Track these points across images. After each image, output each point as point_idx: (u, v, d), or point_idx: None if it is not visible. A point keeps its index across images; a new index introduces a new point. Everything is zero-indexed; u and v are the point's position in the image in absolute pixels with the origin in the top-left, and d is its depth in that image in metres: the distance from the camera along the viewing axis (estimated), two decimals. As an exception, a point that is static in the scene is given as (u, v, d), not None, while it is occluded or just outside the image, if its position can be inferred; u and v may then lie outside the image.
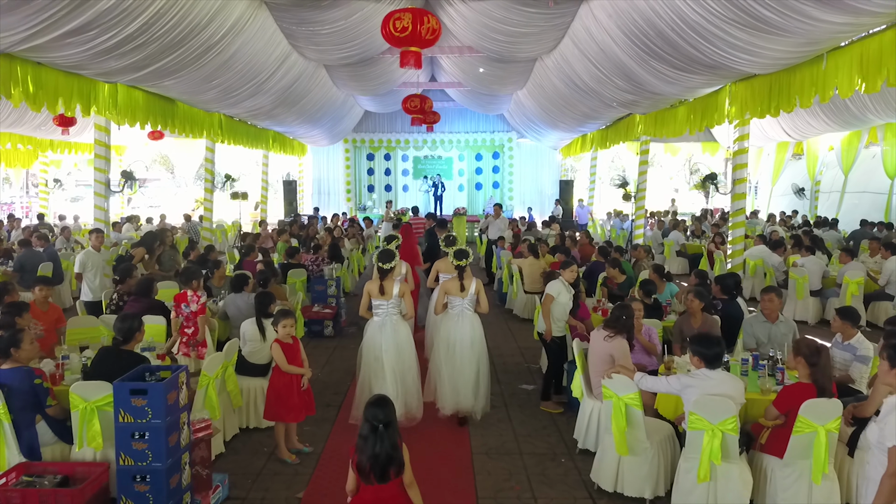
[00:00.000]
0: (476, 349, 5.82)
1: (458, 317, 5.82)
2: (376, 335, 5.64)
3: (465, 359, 5.74)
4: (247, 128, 16.75)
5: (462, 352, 5.74)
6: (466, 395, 5.77)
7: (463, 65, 16.47)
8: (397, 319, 5.70)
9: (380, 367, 5.57)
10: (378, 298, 5.65)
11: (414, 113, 12.41)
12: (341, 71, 15.39)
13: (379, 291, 5.64)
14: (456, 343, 5.75)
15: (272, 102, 14.34)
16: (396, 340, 5.62)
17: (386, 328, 5.63)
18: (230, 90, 11.72)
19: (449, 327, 5.83)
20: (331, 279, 8.80)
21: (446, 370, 5.76)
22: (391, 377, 5.54)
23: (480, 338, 5.89)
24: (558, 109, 16.58)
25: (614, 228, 18.43)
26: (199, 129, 13.54)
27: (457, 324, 5.80)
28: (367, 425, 3.30)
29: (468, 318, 5.83)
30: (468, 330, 5.79)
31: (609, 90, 12.23)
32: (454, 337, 5.77)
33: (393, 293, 5.62)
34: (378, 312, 5.70)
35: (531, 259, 9.67)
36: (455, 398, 5.75)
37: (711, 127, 11.02)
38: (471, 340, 5.77)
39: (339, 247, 11.65)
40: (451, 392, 5.75)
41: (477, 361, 5.82)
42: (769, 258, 10.72)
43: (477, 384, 5.84)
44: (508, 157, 24.50)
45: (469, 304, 5.84)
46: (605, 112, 14.83)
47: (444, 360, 5.78)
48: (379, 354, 5.59)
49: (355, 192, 24.97)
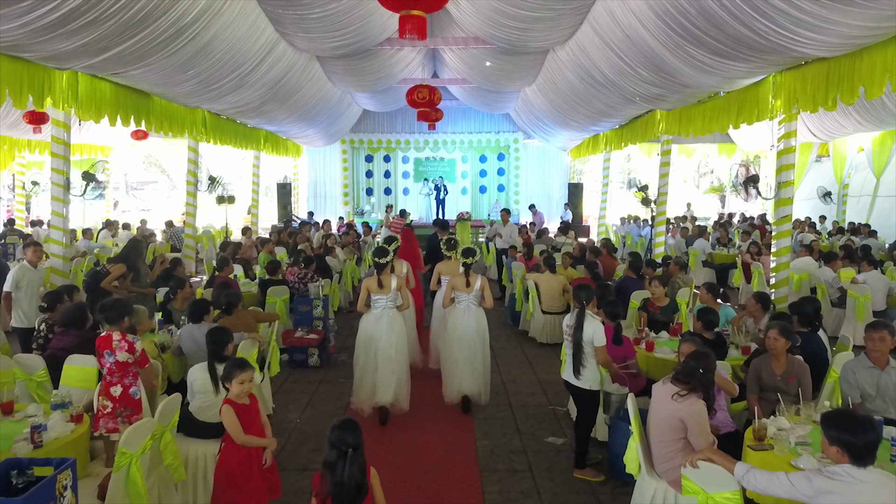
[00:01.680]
0: (482, 340, 6.29)
1: (464, 311, 6.28)
2: (372, 325, 5.95)
3: (474, 349, 6.18)
4: (235, 126, 15.54)
5: (470, 343, 6.18)
6: (475, 381, 6.24)
7: (468, 58, 15.23)
8: (394, 313, 6.04)
9: (374, 355, 5.89)
10: (377, 293, 5.98)
11: (421, 106, 11.01)
12: (336, 64, 14.15)
13: (378, 286, 5.95)
14: (465, 335, 6.17)
15: (260, 98, 13.10)
16: (391, 331, 5.93)
17: (382, 319, 5.94)
18: (209, 82, 10.47)
19: (456, 321, 6.25)
20: (317, 298, 7.54)
21: (454, 362, 6.22)
22: (385, 365, 5.87)
23: (484, 329, 6.36)
24: (571, 106, 15.33)
25: (630, 235, 17.13)
26: (179, 126, 12.34)
27: (463, 317, 6.23)
28: (333, 451, 3.08)
29: (473, 312, 6.29)
30: (474, 323, 6.23)
31: (632, 83, 10.97)
32: (462, 329, 6.20)
33: (391, 287, 5.94)
34: (376, 306, 6.00)
35: (548, 274, 8.39)
36: (465, 384, 6.20)
37: (750, 123, 9.76)
38: (476, 331, 6.21)
39: (330, 258, 10.40)
40: (460, 379, 6.20)
41: (482, 352, 6.29)
42: (819, 272, 9.44)
43: (483, 371, 6.31)
44: (514, 158, 23.27)
45: (474, 299, 6.28)
46: (624, 108, 13.57)
47: (452, 353, 6.22)
48: (374, 343, 5.90)
49: (353, 195, 23.73)
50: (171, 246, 15.10)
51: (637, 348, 5.68)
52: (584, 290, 4.94)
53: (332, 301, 8.77)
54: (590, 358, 4.83)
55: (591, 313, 4.94)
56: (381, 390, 5.89)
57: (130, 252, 7.78)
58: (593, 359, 4.83)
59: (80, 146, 19.54)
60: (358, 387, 6.08)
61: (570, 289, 8.17)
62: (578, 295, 4.90)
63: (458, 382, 6.20)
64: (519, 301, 9.18)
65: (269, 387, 6.10)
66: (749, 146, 21.48)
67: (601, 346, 4.80)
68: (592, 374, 4.86)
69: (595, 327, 4.82)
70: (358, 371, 6.05)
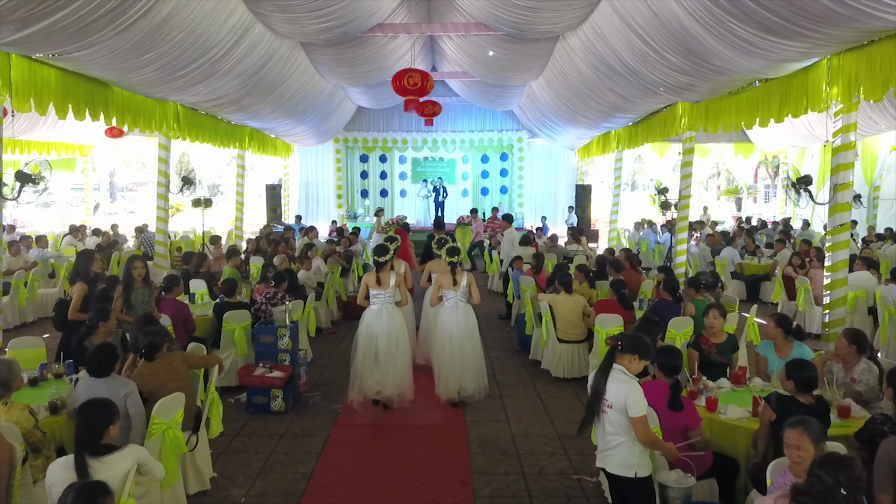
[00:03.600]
0: (471, 336, 6.31)
1: (452, 308, 6.30)
2: (373, 321, 6.08)
3: (464, 346, 6.20)
4: (215, 122, 14.18)
5: (460, 339, 6.20)
6: (467, 379, 6.24)
7: (469, 48, 13.88)
8: (393, 308, 6.18)
9: (374, 350, 5.98)
10: (375, 288, 6.13)
11: (412, 93, 9.50)
12: (323, 54, 12.80)
13: (376, 282, 6.11)
14: (454, 332, 6.19)
15: (238, 89, 11.77)
16: (391, 326, 6.07)
17: (382, 315, 6.08)
18: (173, 69, 9.12)
19: (445, 319, 6.28)
20: (283, 326, 6.15)
21: (447, 359, 6.21)
22: (384, 360, 5.99)
23: (474, 325, 6.39)
24: (581, 100, 13.97)
25: (645, 242, 15.72)
26: (146, 120, 10.99)
27: (451, 315, 6.25)
28: None
29: (462, 309, 6.32)
30: (463, 320, 6.27)
31: (656, 70, 9.62)
32: (450, 327, 6.22)
33: (390, 283, 6.10)
34: (375, 301, 6.16)
35: (564, 295, 7.00)
36: (457, 383, 6.20)
37: (797, 115, 8.42)
38: (465, 328, 6.23)
39: (305, 271, 9.02)
40: (454, 377, 6.19)
41: (472, 347, 6.30)
42: (881, 290, 8.06)
43: (475, 367, 6.29)
44: (518, 158, 21.91)
45: (462, 297, 6.30)
46: (642, 102, 12.20)
47: (444, 350, 6.22)
48: (374, 339, 6.01)
49: (347, 197, 22.39)
50: (144, 253, 13.73)
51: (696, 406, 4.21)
52: (632, 338, 3.51)
53: (307, 326, 7.37)
54: (622, 431, 3.45)
55: (621, 368, 3.50)
56: (384, 383, 6.03)
57: (80, 266, 6.51)
58: (628, 433, 3.44)
59: (54, 144, 18.34)
60: (354, 380, 6.15)
61: (592, 311, 6.82)
62: (625, 342, 3.47)
63: (451, 379, 6.22)
64: (529, 324, 7.78)
65: (208, 452, 4.71)
66: (767, 145, 20.17)
67: (640, 418, 3.38)
68: (629, 455, 3.45)
69: (629, 389, 3.40)
70: (356, 363, 6.13)
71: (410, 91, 9.29)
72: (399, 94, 9.53)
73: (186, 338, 6.38)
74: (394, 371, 6.03)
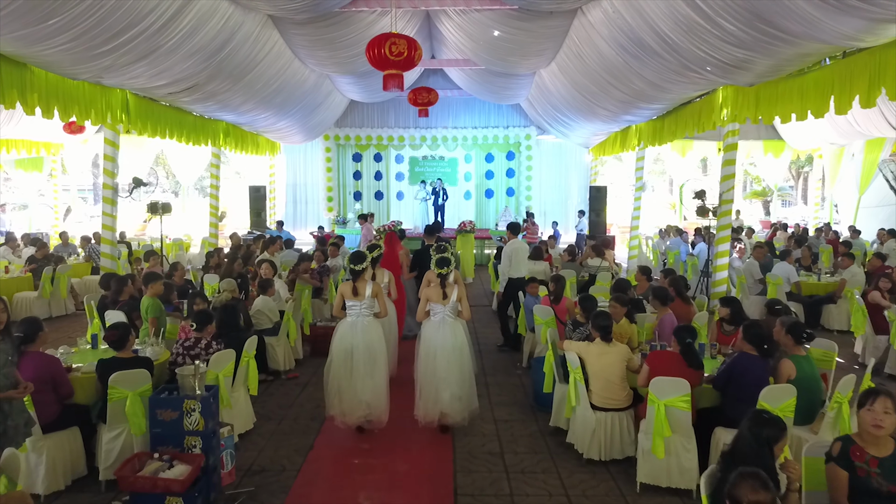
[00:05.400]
0: (459, 355, 5.72)
1: (439, 324, 5.77)
2: (347, 333, 5.69)
3: (449, 365, 5.64)
4: (180, 115, 12.29)
5: (445, 358, 5.65)
6: (450, 402, 5.62)
7: (472, 28, 11.97)
8: (370, 320, 5.78)
9: (349, 364, 5.59)
10: (351, 299, 5.71)
11: (395, 66, 7.21)
12: (298, 33, 10.95)
13: (352, 292, 5.71)
14: (437, 350, 5.68)
15: (196, 73, 9.97)
16: (367, 339, 5.67)
17: (357, 327, 5.69)
18: (92, 40, 7.21)
19: (430, 335, 5.77)
20: (190, 397, 4.21)
21: (429, 378, 5.66)
22: (359, 375, 5.57)
23: (463, 343, 5.78)
24: (601, 88, 12.04)
25: (673, 252, 13.68)
26: (83, 109, 9.15)
27: (438, 331, 5.75)
28: None
29: (450, 325, 5.76)
30: (450, 337, 5.73)
31: (705, 44, 7.70)
32: (435, 344, 5.70)
33: (366, 294, 5.70)
34: (351, 313, 5.74)
35: (600, 344, 5.00)
36: (438, 405, 5.63)
37: (894, 98, 6.44)
38: (452, 346, 5.70)
39: (268, 301, 7.07)
40: (434, 400, 5.64)
41: (460, 367, 5.70)
42: None
43: (461, 390, 5.68)
44: (526, 157, 19.96)
45: (451, 312, 5.77)
46: (675, 88, 10.25)
47: (427, 368, 5.70)
48: (349, 352, 5.61)
49: (339, 200, 20.48)
50: (92, 266, 11.83)
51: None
52: None
53: (244, 381, 5.35)
54: None
55: None
56: (354, 402, 5.54)
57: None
58: None
59: (15, 142, 16.54)
60: (330, 397, 5.68)
61: (639, 364, 4.87)
62: None
63: (434, 401, 5.65)
64: (549, 377, 5.78)
65: None
66: (801, 143, 18.23)
67: None
68: None
69: None
70: (330, 380, 5.68)
71: (392, 63, 7.16)
72: (376, 66, 7.42)
73: (58, 406, 4.47)
74: (370, 388, 5.58)
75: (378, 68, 7.56)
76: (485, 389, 6.83)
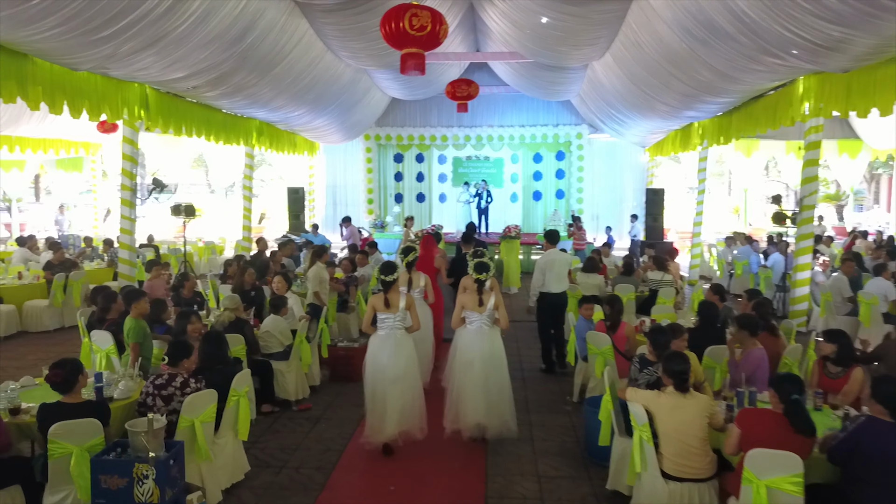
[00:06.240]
0: (496, 364, 5.55)
1: (475, 333, 5.58)
2: (379, 349, 5.47)
3: (487, 375, 5.47)
4: (208, 112, 11.61)
5: (481, 368, 5.47)
6: (488, 414, 5.44)
7: (517, 15, 10.92)
8: (402, 334, 5.51)
9: (382, 380, 5.37)
10: (383, 312, 5.44)
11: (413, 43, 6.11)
12: (327, 22, 10.09)
13: (384, 304, 5.41)
14: (474, 360, 5.51)
15: (216, 64, 9.17)
16: (400, 354, 5.43)
17: (389, 342, 5.45)
18: (86, 24, 6.42)
19: (467, 344, 5.61)
20: (141, 459, 3.06)
21: (465, 388, 5.49)
22: (394, 391, 5.33)
23: (500, 352, 5.63)
24: (662, 81, 10.83)
25: (741, 263, 12.30)
26: (95, 103, 8.53)
27: (474, 340, 5.57)
28: None
29: (486, 334, 5.58)
30: (487, 346, 5.55)
31: (795, 21, 6.48)
32: (471, 353, 5.53)
33: (399, 306, 5.43)
34: (383, 326, 5.48)
35: (673, 395, 3.87)
36: (475, 417, 5.45)
37: None
38: (491, 355, 5.53)
39: (279, 323, 6.14)
40: (472, 411, 5.45)
41: (498, 378, 5.53)
42: None
43: (499, 401, 5.49)
44: (577, 157, 18.73)
45: (487, 320, 5.58)
46: (749, 77, 9.00)
47: (464, 378, 5.52)
48: (382, 367, 5.39)
49: (379, 202, 19.64)
50: (114, 272, 11.19)
51: None
52: None
53: (234, 425, 4.39)
54: None
55: None
56: (387, 420, 5.26)
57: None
58: None
59: (53, 142, 16.26)
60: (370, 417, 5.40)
61: (720, 419, 3.76)
62: None
63: (471, 412, 5.42)
64: (605, 428, 4.67)
65: None
66: (881, 143, 16.57)
67: None
68: None
69: None
70: (368, 400, 5.42)
71: (413, 40, 6.07)
72: (393, 44, 6.35)
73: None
74: (402, 404, 5.35)
75: (395, 46, 6.53)
76: (527, 431, 5.78)
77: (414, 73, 6.63)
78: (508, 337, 9.16)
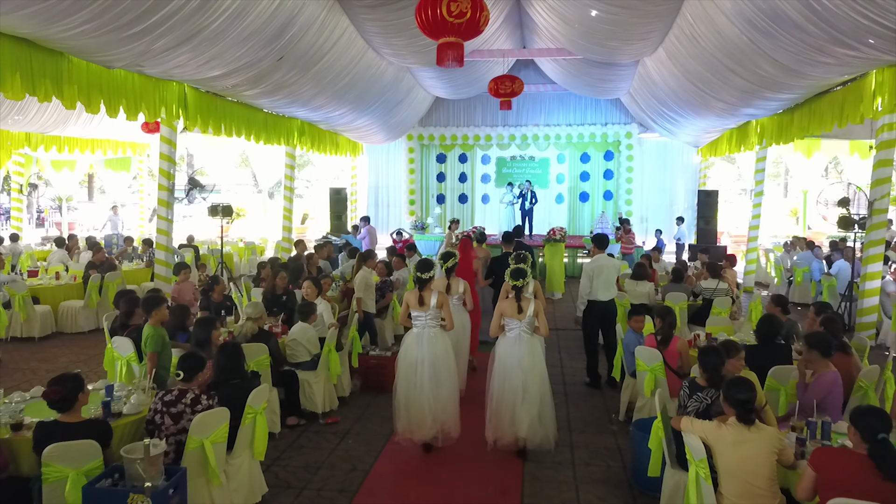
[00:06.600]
0: (536, 373, 5.33)
1: (515, 340, 5.39)
2: (413, 346, 5.46)
3: (527, 384, 5.26)
4: (249, 111, 11.46)
5: (522, 377, 5.27)
6: (529, 424, 5.22)
7: (565, 9, 10.47)
8: (436, 332, 5.49)
9: (415, 378, 5.36)
10: (416, 309, 5.46)
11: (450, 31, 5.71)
12: (368, 18, 9.80)
13: (417, 302, 5.44)
14: (513, 368, 5.32)
15: (254, 62, 8.96)
16: (433, 352, 5.41)
17: (423, 339, 5.44)
18: (118, 20, 6.24)
19: (506, 353, 5.41)
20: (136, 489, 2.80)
21: (505, 398, 5.29)
22: (428, 389, 5.32)
23: (540, 361, 5.41)
24: (718, 76, 10.25)
25: (801, 269, 11.58)
26: (132, 102, 8.42)
27: (513, 348, 5.37)
28: None
29: (526, 342, 5.37)
30: (526, 354, 5.34)
31: (871, 7, 5.88)
32: (511, 362, 5.34)
33: (431, 304, 5.42)
34: (416, 323, 5.50)
35: (736, 427, 3.39)
36: (514, 428, 5.26)
37: None
38: (531, 365, 5.33)
39: (307, 331, 5.83)
40: (510, 421, 5.27)
41: (538, 386, 5.31)
42: None
43: (539, 410, 5.27)
44: (626, 158, 18.12)
45: (527, 327, 5.36)
46: (815, 71, 8.37)
47: (503, 388, 5.32)
48: (414, 365, 5.38)
49: (421, 203, 19.34)
50: (152, 272, 11.14)
51: None
52: None
53: (250, 444, 4.07)
54: None
55: None
56: (421, 417, 5.25)
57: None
58: None
59: (101, 142, 16.46)
60: (399, 413, 5.39)
61: (790, 455, 3.29)
62: None
63: (510, 423, 5.24)
64: (656, 457, 4.25)
65: None
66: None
67: None
68: None
69: None
70: (399, 395, 5.38)
71: (451, 28, 5.66)
72: (428, 33, 5.97)
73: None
74: (437, 403, 5.30)
75: (431, 36, 6.15)
76: (569, 453, 5.35)
77: (452, 64, 6.23)
78: (551, 346, 8.74)
